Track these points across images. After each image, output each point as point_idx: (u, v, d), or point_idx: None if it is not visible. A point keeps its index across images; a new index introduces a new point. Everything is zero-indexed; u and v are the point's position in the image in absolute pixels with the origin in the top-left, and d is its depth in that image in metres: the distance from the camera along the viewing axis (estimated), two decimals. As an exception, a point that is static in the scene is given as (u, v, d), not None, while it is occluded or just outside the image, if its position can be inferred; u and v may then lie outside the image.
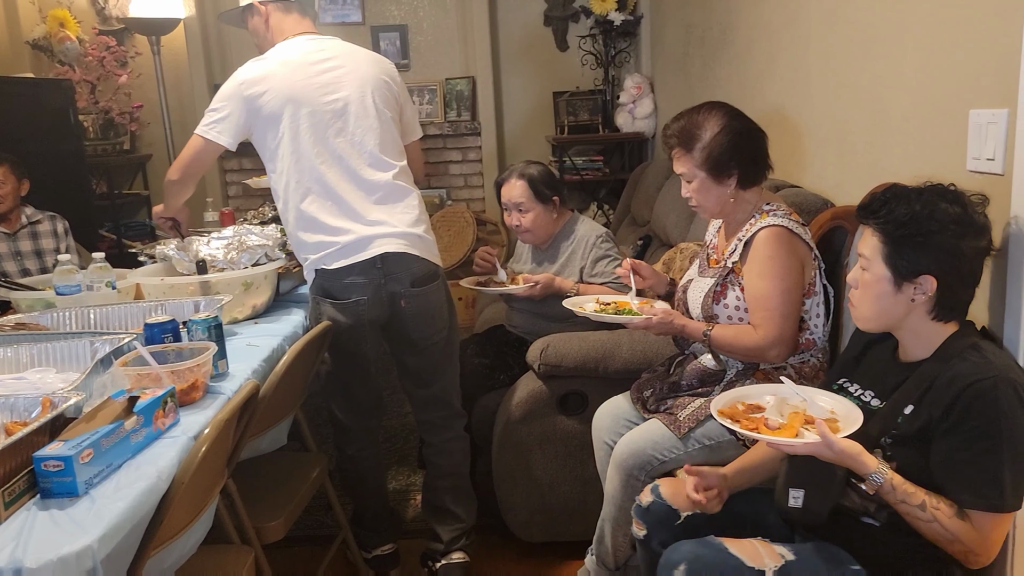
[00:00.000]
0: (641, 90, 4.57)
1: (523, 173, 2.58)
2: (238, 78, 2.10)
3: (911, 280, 1.37)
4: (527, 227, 2.58)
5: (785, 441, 1.35)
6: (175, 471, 1.33)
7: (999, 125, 1.51)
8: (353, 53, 2.20)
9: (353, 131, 2.11)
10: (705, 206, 1.90)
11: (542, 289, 2.47)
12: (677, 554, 1.48)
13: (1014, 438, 1.30)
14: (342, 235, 2.07)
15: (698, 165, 1.85)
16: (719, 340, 1.85)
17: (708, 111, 1.86)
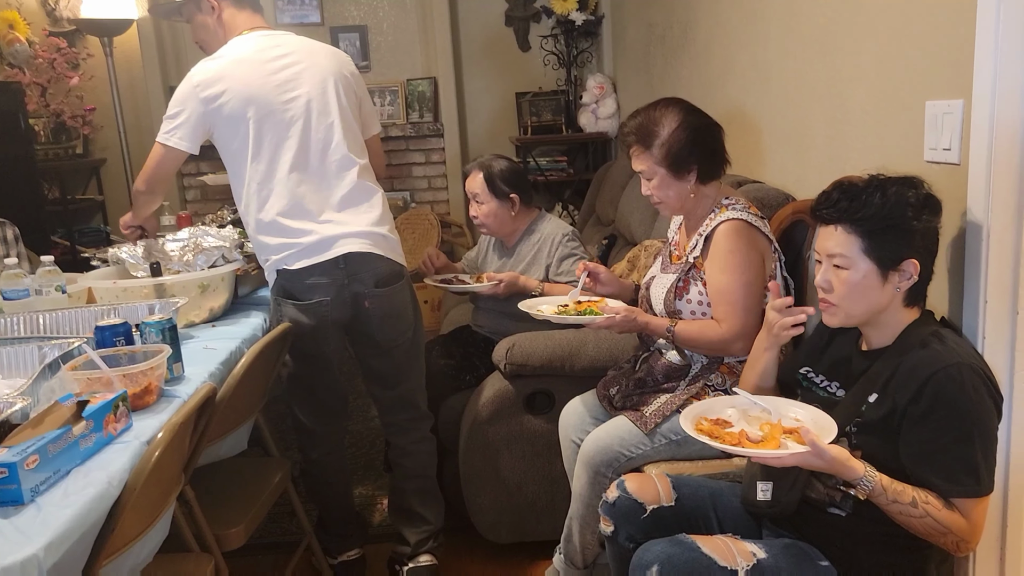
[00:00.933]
0: (603, 90, 4.58)
1: (483, 165, 2.58)
2: (193, 80, 2.04)
3: (895, 268, 1.38)
4: (481, 220, 2.59)
5: (773, 454, 1.34)
6: (127, 477, 1.28)
7: (955, 115, 1.53)
8: (310, 48, 2.16)
9: (315, 129, 2.07)
10: (666, 202, 1.90)
11: (506, 288, 2.45)
12: (649, 554, 1.46)
13: (983, 423, 1.32)
14: (304, 236, 2.03)
15: (657, 162, 1.84)
16: (683, 336, 1.84)
17: (665, 107, 1.86)
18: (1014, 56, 1.40)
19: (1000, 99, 1.41)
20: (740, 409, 1.51)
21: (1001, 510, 1.55)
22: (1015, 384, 1.50)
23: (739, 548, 1.46)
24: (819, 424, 1.41)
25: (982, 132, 1.45)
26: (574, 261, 2.51)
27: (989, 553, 1.56)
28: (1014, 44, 1.39)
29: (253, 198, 2.05)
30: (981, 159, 1.45)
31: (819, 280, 1.45)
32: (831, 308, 1.45)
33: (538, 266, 2.56)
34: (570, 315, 1.98)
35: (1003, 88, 1.41)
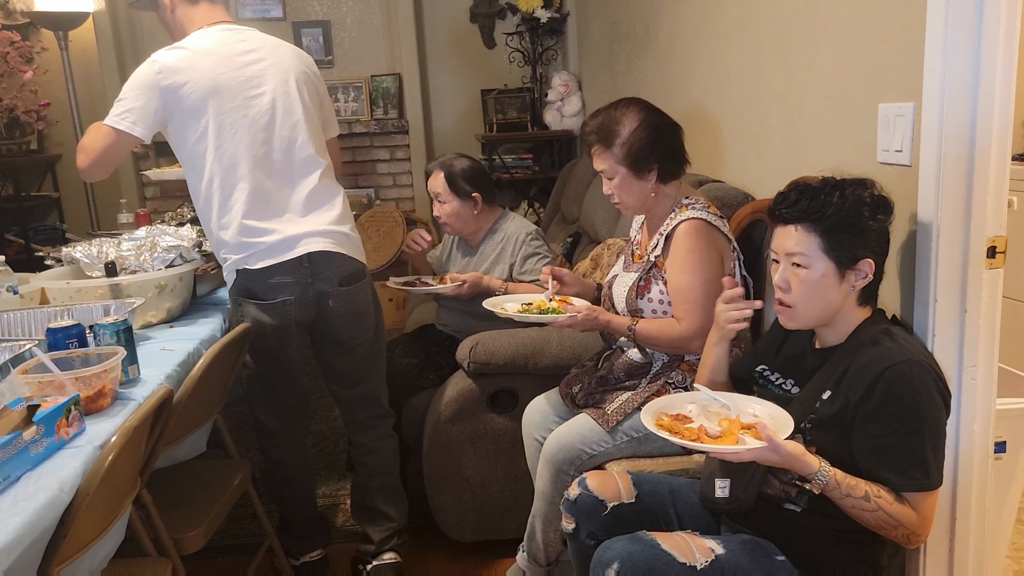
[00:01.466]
0: (568, 88, 4.59)
1: (445, 164, 2.57)
2: (155, 66, 1.97)
3: (852, 267, 1.41)
4: (444, 220, 2.58)
5: (731, 449, 1.36)
6: (79, 482, 1.26)
7: (906, 118, 1.56)
8: (274, 45, 2.13)
9: (280, 127, 2.04)
10: (627, 202, 1.91)
11: (470, 288, 2.45)
12: (610, 552, 1.47)
13: (932, 418, 1.35)
14: (267, 235, 2.00)
15: (618, 161, 1.86)
16: (644, 334, 1.86)
17: (625, 107, 1.88)
18: (962, 61, 1.43)
19: (948, 102, 1.45)
20: (700, 405, 1.52)
21: (950, 504, 1.59)
22: (963, 381, 1.54)
23: (698, 544, 1.48)
24: (776, 420, 1.43)
25: (931, 135, 1.48)
26: (538, 260, 2.52)
27: (939, 546, 1.60)
28: (962, 49, 1.43)
29: (215, 195, 2.01)
30: (931, 161, 1.49)
31: (777, 280, 1.47)
32: (787, 311, 1.47)
33: (502, 265, 2.56)
34: (533, 314, 1.98)
35: (951, 92, 1.44)
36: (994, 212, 1.50)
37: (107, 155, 2.00)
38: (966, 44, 1.43)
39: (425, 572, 2.35)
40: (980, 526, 1.61)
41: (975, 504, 1.59)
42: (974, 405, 1.55)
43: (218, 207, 2.02)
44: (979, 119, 1.45)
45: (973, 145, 1.46)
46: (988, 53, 1.42)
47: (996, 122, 1.46)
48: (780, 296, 1.47)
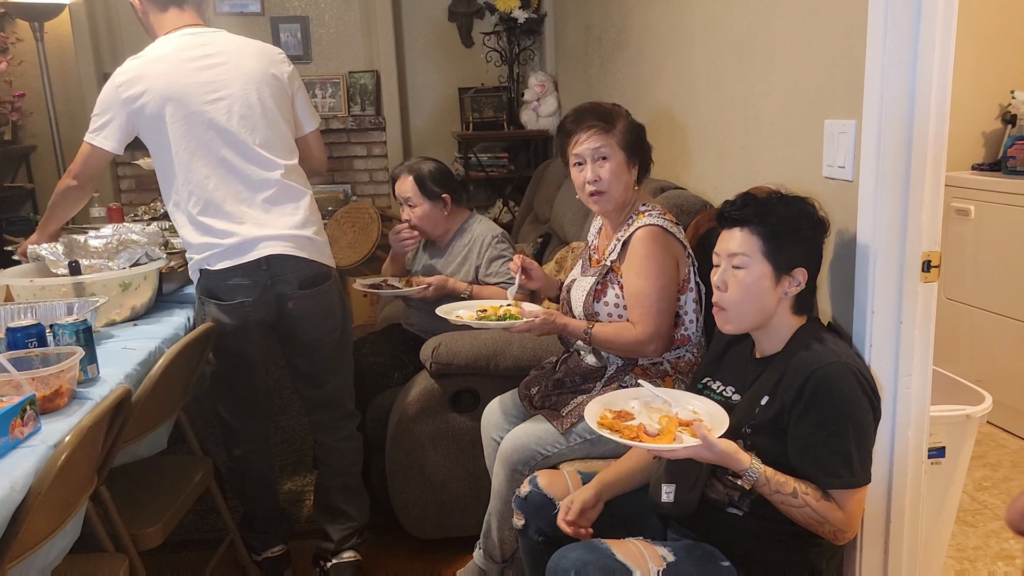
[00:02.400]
0: (545, 88, 4.63)
1: (412, 168, 2.59)
2: (115, 81, 2.05)
3: (788, 273, 1.47)
4: (416, 223, 2.60)
5: (667, 448, 1.40)
6: (31, 482, 1.29)
7: (848, 135, 1.61)
8: (239, 47, 2.15)
9: (238, 131, 2.07)
10: (614, 191, 1.91)
11: (435, 291, 2.49)
12: (566, 561, 1.50)
13: (857, 418, 1.40)
14: (227, 237, 2.04)
15: (619, 144, 1.90)
16: (599, 337, 1.90)
17: (612, 105, 1.96)
18: (899, 82, 1.48)
19: (886, 122, 1.50)
20: (643, 401, 1.57)
21: (885, 505, 1.65)
22: (899, 389, 1.60)
23: (650, 552, 1.51)
24: (713, 417, 1.48)
25: (870, 152, 1.53)
26: (503, 263, 2.56)
27: (874, 546, 1.66)
28: (899, 70, 1.48)
29: (181, 197, 2.06)
30: (869, 177, 1.54)
31: (716, 280, 1.54)
32: (723, 314, 1.53)
33: (468, 266, 2.60)
34: (491, 320, 2.02)
35: (888, 111, 1.50)
36: (929, 228, 1.55)
37: (87, 167, 2.13)
38: (903, 66, 1.48)
39: (387, 568, 2.39)
40: (914, 528, 1.67)
41: (909, 507, 1.65)
42: (909, 412, 1.61)
43: (183, 209, 2.06)
44: (915, 138, 1.50)
45: (909, 163, 1.51)
46: (924, 76, 1.48)
47: (931, 141, 1.51)
48: (716, 297, 1.54)
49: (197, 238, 2.06)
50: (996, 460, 2.87)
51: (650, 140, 2.01)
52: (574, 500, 1.64)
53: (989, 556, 2.29)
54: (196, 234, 2.06)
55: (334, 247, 4.67)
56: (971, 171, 3.28)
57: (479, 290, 2.52)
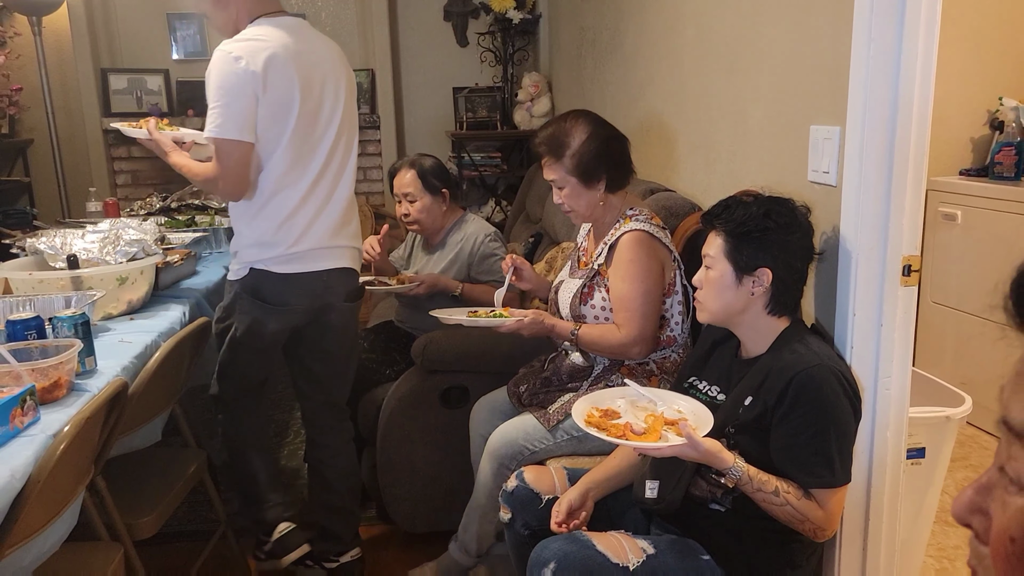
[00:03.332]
0: (539, 89, 4.66)
1: (414, 163, 2.63)
2: (243, 64, 1.85)
3: (750, 273, 1.51)
4: (415, 217, 2.63)
5: (653, 446, 1.43)
6: (31, 470, 1.32)
7: (833, 141, 1.65)
8: (327, 46, 2.09)
9: (339, 135, 2.03)
10: (577, 211, 1.99)
11: (426, 288, 2.52)
12: (547, 552, 1.53)
13: (838, 419, 1.44)
14: (298, 245, 1.99)
15: (569, 171, 1.93)
16: (586, 339, 1.94)
17: (575, 119, 1.95)
18: (882, 90, 1.52)
19: (869, 128, 1.54)
20: (629, 400, 1.61)
21: (864, 505, 1.69)
22: (879, 391, 1.64)
23: (631, 545, 1.55)
24: (698, 416, 1.52)
25: (853, 158, 1.57)
26: (495, 261, 2.59)
27: (853, 543, 1.71)
28: (882, 79, 1.52)
29: (266, 189, 1.96)
30: (852, 183, 1.58)
31: (694, 278, 1.61)
32: (698, 304, 1.60)
33: (460, 264, 2.63)
34: (481, 319, 2.05)
35: (871, 118, 1.54)
36: (910, 232, 1.59)
37: (241, 167, 1.91)
38: (886, 73, 1.52)
39: (378, 561, 2.42)
40: (892, 526, 1.71)
41: (887, 506, 1.69)
42: (888, 413, 1.65)
43: (261, 200, 1.97)
44: (897, 144, 1.54)
45: (891, 169, 1.56)
46: (906, 84, 1.52)
47: (913, 147, 1.55)
48: (695, 293, 1.60)
49: (265, 236, 1.98)
50: (978, 462, 2.91)
51: (641, 142, 2.05)
52: (561, 502, 1.67)
53: (968, 555, 2.33)
54: (265, 232, 1.98)
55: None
56: (958, 176, 3.33)
57: (470, 288, 2.56)
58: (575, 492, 1.69)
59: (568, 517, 1.66)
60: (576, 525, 1.65)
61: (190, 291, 2.41)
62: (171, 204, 3.47)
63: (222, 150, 1.89)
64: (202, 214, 3.36)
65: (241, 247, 2.04)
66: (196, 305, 2.34)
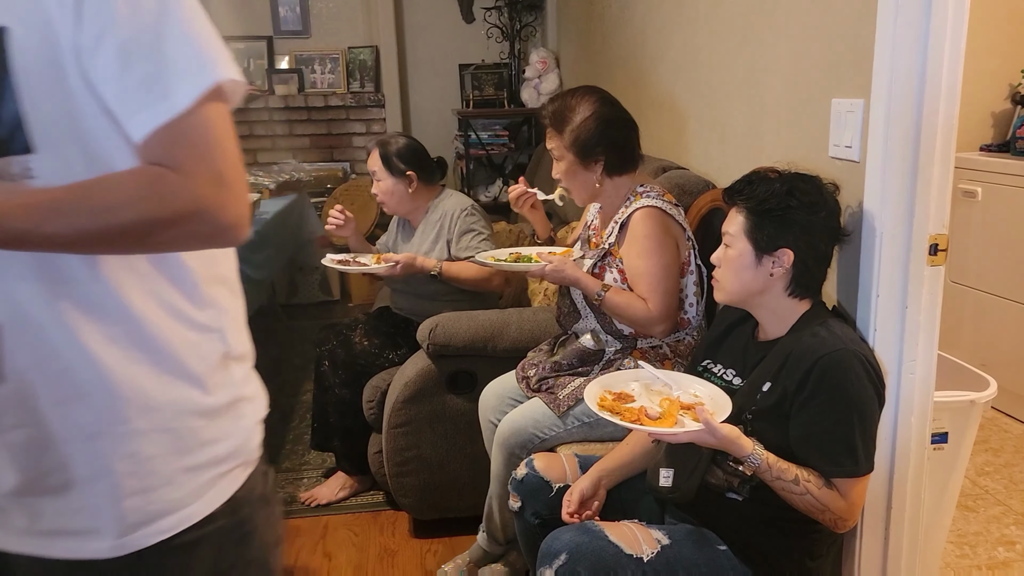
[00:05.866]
0: (546, 65, 4.57)
1: (381, 143, 2.59)
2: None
3: (770, 253, 1.44)
4: (380, 198, 2.58)
5: (668, 431, 1.38)
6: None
7: (856, 114, 1.58)
8: None
9: None
10: (572, 190, 1.95)
11: (403, 269, 2.46)
12: (558, 543, 1.48)
13: (862, 407, 1.38)
14: None
15: (567, 146, 1.88)
16: (611, 302, 1.87)
17: (582, 96, 1.89)
18: (909, 60, 1.45)
19: (895, 101, 1.46)
20: (643, 383, 1.54)
21: (886, 492, 1.63)
22: (903, 375, 1.57)
23: (644, 535, 1.50)
24: (715, 401, 1.46)
25: (878, 132, 1.50)
26: (472, 236, 2.52)
27: (874, 532, 1.65)
28: (910, 49, 1.44)
29: None
30: (877, 158, 1.51)
31: (713, 256, 1.54)
32: (716, 283, 1.54)
33: (441, 243, 2.57)
34: (507, 262, 2.07)
35: (898, 91, 1.46)
36: (937, 210, 1.52)
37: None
38: (914, 44, 1.44)
39: (385, 548, 2.38)
40: (915, 514, 1.65)
41: (910, 494, 1.63)
42: (912, 398, 1.59)
43: None
44: (924, 119, 1.47)
45: (918, 144, 1.48)
46: (935, 55, 1.44)
47: (941, 122, 1.47)
48: (714, 272, 1.54)
49: None
50: (998, 445, 2.85)
51: (652, 119, 1.98)
52: (573, 491, 1.62)
53: (990, 541, 2.28)
54: None
55: (332, 225, 4.60)
56: (979, 152, 3.24)
57: (449, 266, 2.49)
58: (587, 481, 1.63)
59: (580, 507, 1.61)
60: (588, 515, 1.60)
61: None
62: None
63: None
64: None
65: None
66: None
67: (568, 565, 1.44)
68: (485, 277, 2.47)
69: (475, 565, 2.11)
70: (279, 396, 3.45)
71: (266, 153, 4.86)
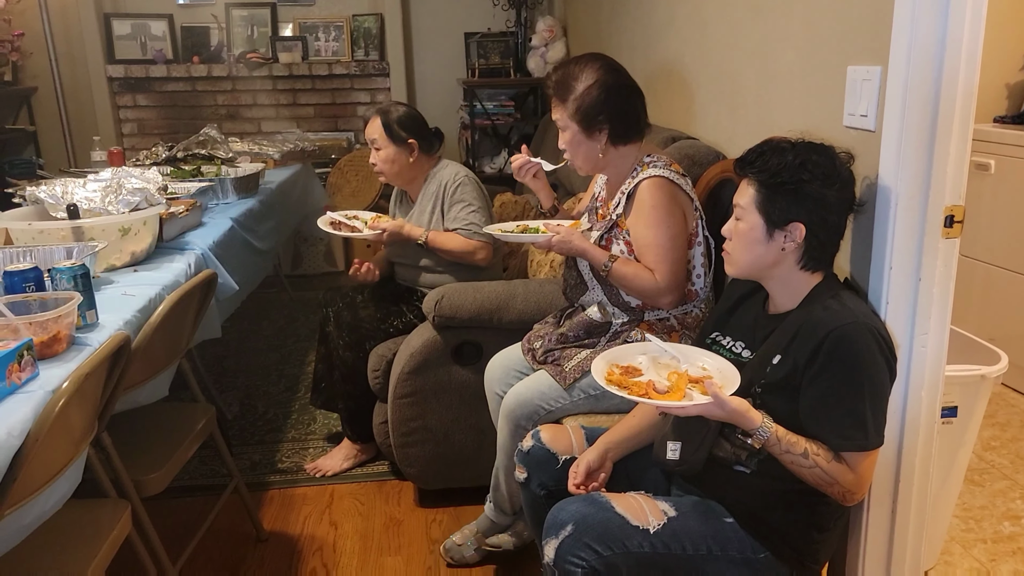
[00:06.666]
0: (553, 33, 4.51)
1: (382, 111, 2.56)
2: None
3: (782, 228, 1.42)
4: (380, 168, 2.55)
5: (677, 405, 1.36)
6: (30, 427, 1.26)
7: (873, 82, 1.54)
8: None
9: None
10: (576, 160, 1.92)
11: (390, 236, 2.46)
12: (564, 514, 1.48)
13: (873, 380, 1.36)
14: None
15: (570, 116, 1.85)
16: (618, 273, 1.85)
17: (586, 63, 1.86)
18: (929, 26, 1.41)
19: (914, 69, 1.43)
20: (651, 356, 1.53)
21: (895, 465, 1.62)
22: (914, 348, 1.56)
23: (651, 507, 1.49)
24: (724, 374, 1.45)
25: (896, 100, 1.47)
26: (462, 208, 2.50)
27: (882, 505, 1.65)
28: (930, 14, 1.41)
29: None
30: (893, 127, 1.48)
31: (724, 228, 1.52)
32: (727, 256, 1.51)
33: (436, 214, 2.55)
34: (514, 232, 2.04)
35: (917, 57, 1.43)
36: (954, 181, 1.50)
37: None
38: (935, 9, 1.41)
39: (391, 517, 2.39)
40: (923, 488, 1.65)
41: (919, 467, 1.63)
42: (923, 372, 1.57)
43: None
44: (943, 87, 1.44)
45: (936, 113, 1.45)
46: (956, 21, 1.40)
47: (960, 91, 1.44)
48: (724, 244, 1.51)
49: None
50: (1005, 420, 2.85)
51: (661, 88, 1.94)
52: (579, 463, 1.62)
53: (996, 516, 2.28)
54: None
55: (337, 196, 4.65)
56: (993, 124, 3.20)
57: (435, 235, 2.48)
58: (593, 453, 1.63)
59: (586, 478, 1.60)
60: (595, 486, 1.60)
61: (196, 243, 2.34)
62: (177, 154, 3.38)
63: None
64: (208, 164, 3.28)
65: None
66: (202, 257, 2.28)
67: (574, 536, 1.43)
68: (470, 250, 2.45)
69: (483, 535, 2.12)
70: (284, 366, 3.45)
71: (270, 123, 4.82)
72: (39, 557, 1.49)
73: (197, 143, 3.42)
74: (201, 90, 4.68)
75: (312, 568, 2.16)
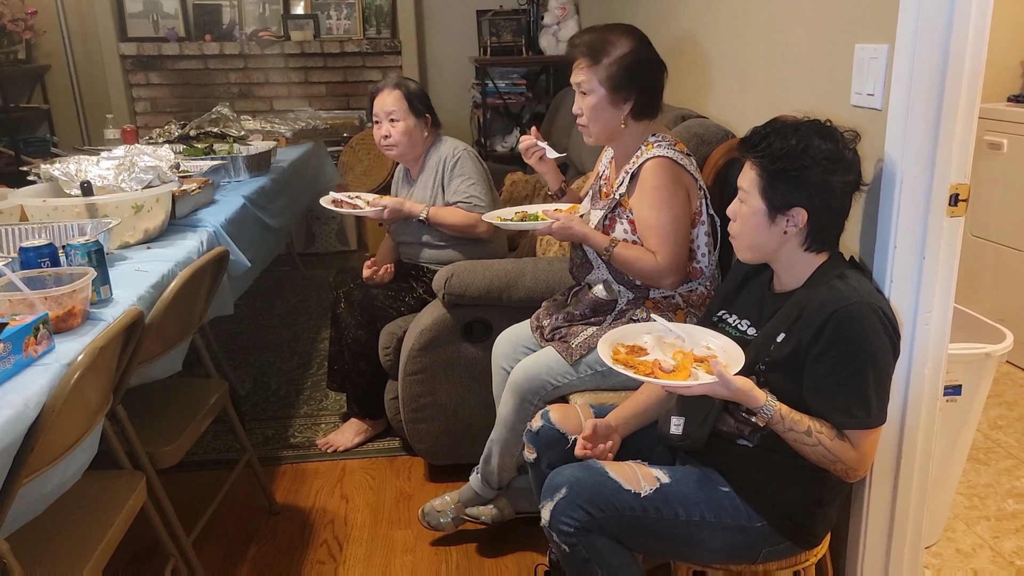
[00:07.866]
0: (566, 11, 4.48)
1: (399, 84, 2.56)
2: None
3: (784, 213, 1.42)
4: (395, 140, 2.54)
5: (682, 384, 1.38)
6: (45, 399, 1.30)
7: (880, 60, 1.54)
8: None
9: None
10: (592, 128, 1.90)
11: (390, 213, 2.47)
12: (559, 477, 1.52)
13: (877, 358, 1.37)
14: None
15: (601, 80, 1.84)
16: (619, 257, 1.87)
17: (621, 31, 1.86)
18: (937, 2, 1.41)
19: (921, 47, 1.43)
20: (656, 336, 1.54)
21: (897, 443, 1.64)
22: (918, 326, 1.57)
23: (644, 473, 1.53)
24: (728, 354, 1.46)
25: (902, 78, 1.47)
26: (461, 181, 2.51)
27: (884, 481, 1.66)
28: (938, -9, 1.40)
29: None
30: (899, 105, 1.48)
31: (728, 209, 1.52)
32: (732, 240, 1.52)
33: (437, 189, 2.56)
34: (514, 221, 2.04)
35: (924, 36, 1.42)
36: (959, 160, 1.49)
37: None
38: (942, -13, 1.40)
39: (400, 492, 2.43)
40: (925, 464, 1.66)
41: (921, 443, 1.64)
42: (927, 350, 1.58)
43: None
44: (950, 66, 1.43)
45: (943, 91, 1.45)
46: None
47: (967, 69, 1.44)
48: (729, 226, 1.52)
49: None
50: (1013, 399, 2.85)
51: (672, 67, 1.93)
52: (589, 424, 1.63)
53: (1000, 494, 2.29)
54: None
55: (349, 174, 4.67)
56: (1006, 103, 3.17)
57: (436, 211, 2.49)
58: (604, 420, 1.65)
59: (594, 438, 1.62)
60: (603, 450, 1.62)
61: (208, 220, 2.37)
62: (190, 132, 3.41)
63: None
64: (221, 142, 3.30)
65: None
66: (214, 234, 2.30)
67: (567, 498, 1.48)
68: (471, 223, 2.47)
69: (463, 505, 2.14)
70: (297, 343, 3.49)
71: (282, 101, 4.83)
72: (58, 525, 1.53)
73: (209, 121, 3.44)
74: (213, 68, 4.70)
75: (324, 540, 2.21)
